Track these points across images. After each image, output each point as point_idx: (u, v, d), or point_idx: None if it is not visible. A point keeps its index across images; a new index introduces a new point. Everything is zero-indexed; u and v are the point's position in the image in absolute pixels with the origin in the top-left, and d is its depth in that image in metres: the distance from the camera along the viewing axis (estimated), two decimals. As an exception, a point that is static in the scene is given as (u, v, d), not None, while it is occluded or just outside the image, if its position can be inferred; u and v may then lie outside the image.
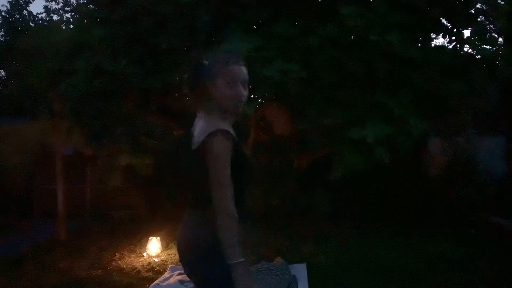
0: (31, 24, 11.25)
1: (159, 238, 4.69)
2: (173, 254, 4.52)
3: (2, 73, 11.32)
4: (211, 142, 1.48)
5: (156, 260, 4.41)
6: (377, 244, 4.73)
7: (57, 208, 5.46)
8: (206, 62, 1.61)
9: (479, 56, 4.39)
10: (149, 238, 4.65)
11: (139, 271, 4.08)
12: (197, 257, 1.58)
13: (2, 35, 10.91)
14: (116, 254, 4.64)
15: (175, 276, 3.64)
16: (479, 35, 4.35)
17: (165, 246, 4.79)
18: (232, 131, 1.55)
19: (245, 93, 1.62)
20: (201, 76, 1.61)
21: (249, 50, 3.77)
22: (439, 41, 18.15)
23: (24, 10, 11.29)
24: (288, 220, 5.87)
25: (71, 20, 8.36)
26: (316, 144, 5.09)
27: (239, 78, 1.60)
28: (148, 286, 3.55)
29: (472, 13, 4.47)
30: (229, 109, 1.61)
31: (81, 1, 8.42)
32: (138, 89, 4.69)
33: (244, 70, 1.63)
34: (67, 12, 11.66)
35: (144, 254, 4.58)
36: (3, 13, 10.94)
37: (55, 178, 5.53)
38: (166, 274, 3.79)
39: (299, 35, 4.16)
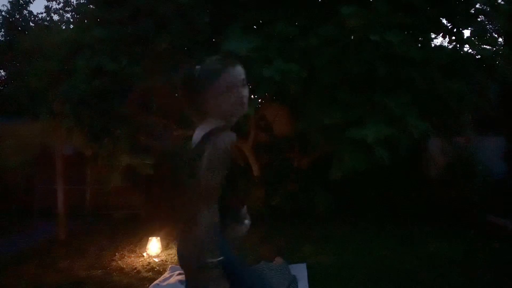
0: (31, 24, 11.24)
1: (159, 238, 4.69)
2: (173, 254, 4.51)
3: (2, 73, 11.30)
4: (208, 143, 1.41)
5: (156, 260, 4.41)
6: (377, 244, 4.72)
7: (57, 208, 5.46)
8: (196, 74, 1.52)
9: (479, 56, 4.39)
10: (149, 238, 4.65)
11: (139, 271, 4.07)
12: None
13: (2, 35, 10.90)
14: (116, 254, 4.63)
15: (175, 276, 3.64)
16: (479, 35, 4.36)
17: (165, 246, 4.79)
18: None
19: (245, 93, 1.55)
20: (193, 89, 1.52)
21: (249, 50, 3.78)
22: (439, 41, 18.10)
23: (24, 10, 11.28)
24: (288, 220, 5.87)
25: (71, 20, 8.35)
26: (316, 144, 5.10)
27: (237, 81, 1.53)
28: (148, 286, 3.55)
29: (472, 13, 4.47)
30: (230, 114, 1.54)
31: (81, 1, 8.42)
32: (138, 89, 4.70)
33: (239, 70, 1.54)
34: (67, 12, 11.65)
35: (144, 254, 4.58)
36: (3, 13, 10.94)
37: (55, 178, 5.53)
38: (166, 274, 3.79)
39: (299, 35, 4.16)
